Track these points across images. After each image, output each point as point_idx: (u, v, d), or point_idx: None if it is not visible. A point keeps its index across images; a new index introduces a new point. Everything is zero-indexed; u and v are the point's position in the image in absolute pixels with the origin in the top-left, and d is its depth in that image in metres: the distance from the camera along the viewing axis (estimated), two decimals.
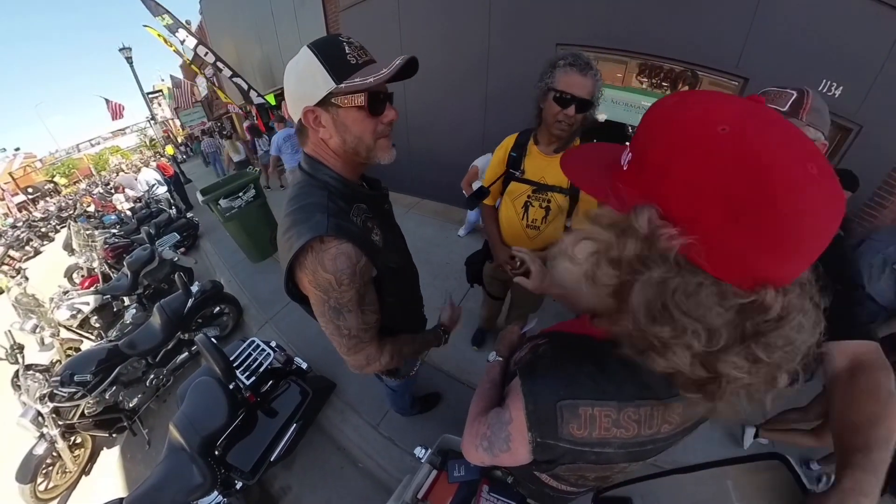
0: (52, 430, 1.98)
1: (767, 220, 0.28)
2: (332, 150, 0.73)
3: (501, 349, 0.80)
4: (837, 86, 2.24)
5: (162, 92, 19.36)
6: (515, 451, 0.50)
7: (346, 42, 0.66)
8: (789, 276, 0.31)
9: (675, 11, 2.51)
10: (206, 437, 1.47)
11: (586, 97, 1.07)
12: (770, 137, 0.29)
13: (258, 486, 1.83)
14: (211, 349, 1.43)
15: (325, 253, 0.65)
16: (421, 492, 1.02)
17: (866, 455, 0.45)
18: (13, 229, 9.84)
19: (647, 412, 0.43)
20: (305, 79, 0.66)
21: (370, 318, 0.76)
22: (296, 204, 0.71)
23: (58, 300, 3.02)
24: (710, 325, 0.31)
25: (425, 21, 3.84)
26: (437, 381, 2.12)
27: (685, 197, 0.30)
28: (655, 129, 0.34)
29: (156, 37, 6.70)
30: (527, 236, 1.36)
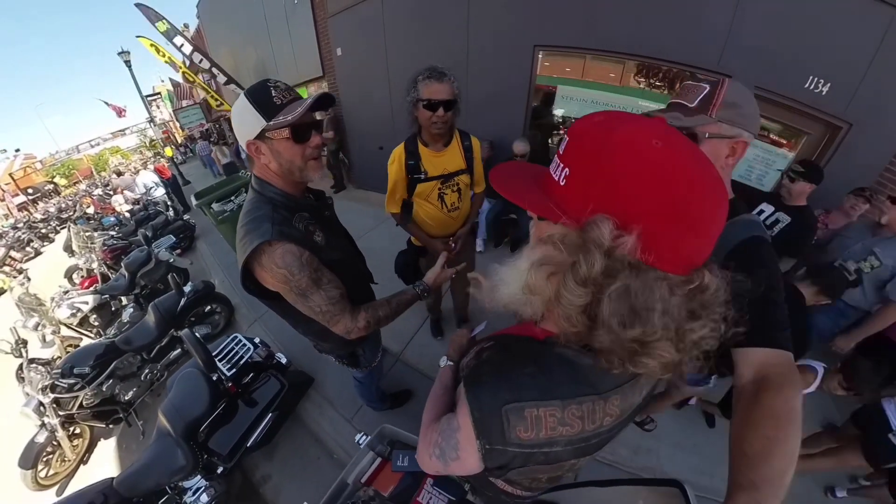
0: (53, 419, 2.12)
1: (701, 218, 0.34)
2: (273, 172, 0.90)
3: (451, 353, 0.80)
4: (825, 83, 2.15)
5: (161, 94, 19.48)
6: (465, 459, 0.49)
7: (273, 86, 0.83)
8: (706, 252, 0.37)
9: (654, 10, 2.48)
10: (190, 423, 1.61)
11: (450, 98, 1.29)
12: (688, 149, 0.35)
13: (240, 474, 1.97)
14: (194, 342, 1.58)
15: (274, 253, 0.82)
16: (364, 477, 1.08)
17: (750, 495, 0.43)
18: (14, 230, 10.00)
19: (589, 408, 0.43)
20: (244, 119, 0.83)
21: (333, 294, 0.92)
22: (248, 217, 0.88)
23: (58, 299, 3.18)
24: (672, 314, 0.35)
25: (407, 25, 3.96)
26: (410, 379, 2.25)
27: (634, 203, 0.34)
28: (594, 144, 0.36)
29: (148, 48, 6.79)
30: (450, 219, 1.61)
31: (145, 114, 10.86)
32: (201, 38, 9.61)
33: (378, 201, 2.07)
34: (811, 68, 2.16)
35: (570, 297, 0.37)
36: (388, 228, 3.98)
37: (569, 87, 3.30)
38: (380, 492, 1.01)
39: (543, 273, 0.39)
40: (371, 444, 1.14)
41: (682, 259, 0.35)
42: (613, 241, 0.33)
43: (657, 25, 2.52)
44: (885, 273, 1.60)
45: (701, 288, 0.36)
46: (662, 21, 2.49)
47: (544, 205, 0.39)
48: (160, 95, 19.01)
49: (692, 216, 0.34)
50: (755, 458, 0.46)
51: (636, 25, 2.59)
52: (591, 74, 3.16)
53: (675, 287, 0.35)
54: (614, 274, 0.34)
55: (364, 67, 4.69)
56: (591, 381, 0.43)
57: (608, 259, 0.34)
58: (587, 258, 0.35)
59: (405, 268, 1.85)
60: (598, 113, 0.40)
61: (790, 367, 0.55)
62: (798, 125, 2.43)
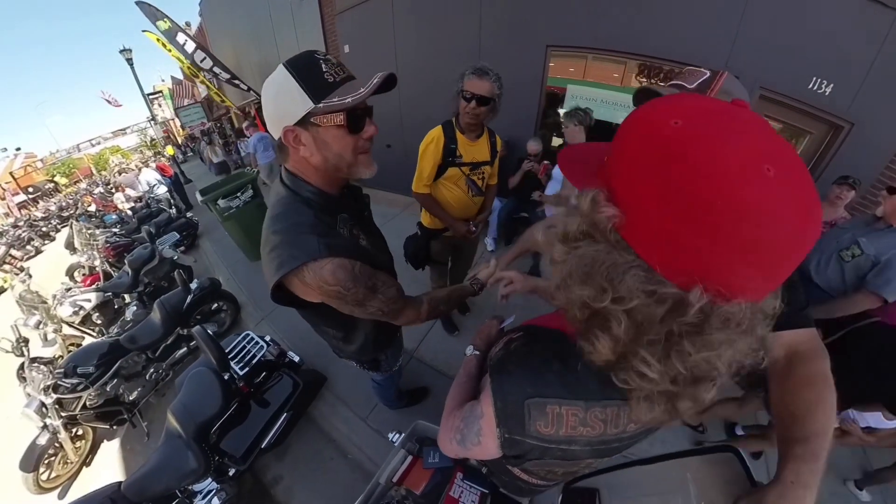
0: (55, 420, 2.05)
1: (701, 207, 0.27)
2: (313, 166, 0.74)
3: (479, 343, 0.81)
4: (828, 83, 2.20)
5: (162, 92, 19.46)
6: (485, 445, 0.51)
7: (322, 60, 0.65)
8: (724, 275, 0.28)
9: (662, 11, 2.52)
10: (201, 424, 1.54)
11: (485, 95, 1.39)
12: (722, 133, 0.28)
13: (251, 475, 1.91)
14: (207, 340, 1.51)
15: (322, 271, 0.69)
16: (396, 476, 1.06)
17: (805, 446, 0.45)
18: (14, 228, 9.93)
19: (613, 412, 0.43)
20: (283, 99, 0.66)
21: (391, 292, 0.82)
22: (283, 222, 0.72)
23: (60, 297, 3.11)
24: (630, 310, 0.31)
25: (418, 23, 3.92)
26: (425, 376, 2.20)
27: (628, 180, 0.31)
28: (623, 125, 0.35)
29: (155, 42, 6.78)
30: (473, 203, 1.74)
31: (146, 112, 10.82)
32: (203, 35, 9.57)
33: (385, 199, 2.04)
34: (815, 69, 2.22)
35: (554, 253, 0.37)
36: (395, 226, 3.92)
37: (578, 86, 3.30)
38: (412, 490, 1.01)
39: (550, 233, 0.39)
40: (408, 445, 1.11)
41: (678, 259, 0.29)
42: (593, 208, 0.33)
43: (666, 27, 2.57)
44: (866, 263, 1.54)
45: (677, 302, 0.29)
46: (672, 22, 2.54)
47: (581, 178, 0.38)
48: (162, 94, 18.97)
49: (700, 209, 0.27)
50: (801, 417, 0.49)
51: (646, 26, 2.64)
52: (591, 75, 3.19)
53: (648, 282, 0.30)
54: (587, 238, 0.34)
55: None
56: (618, 386, 0.40)
57: (589, 226, 0.33)
58: (568, 219, 0.35)
59: (417, 251, 1.88)
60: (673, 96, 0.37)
61: (816, 340, 0.59)
62: (801, 125, 2.49)
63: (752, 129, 0.29)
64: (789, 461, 0.44)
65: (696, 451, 0.73)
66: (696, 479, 0.68)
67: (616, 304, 0.31)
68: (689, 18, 2.47)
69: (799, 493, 0.41)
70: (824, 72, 2.20)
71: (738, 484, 0.58)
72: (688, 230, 0.28)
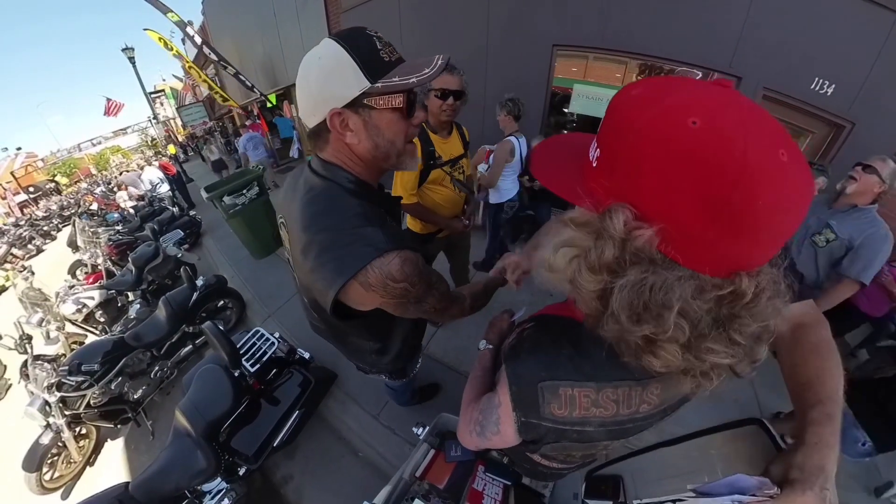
0: (59, 419, 2.01)
1: (743, 213, 0.28)
2: (357, 155, 0.67)
3: (491, 336, 0.81)
4: (830, 84, 2.26)
5: (164, 91, 19.47)
6: (504, 432, 0.52)
7: (375, 37, 0.59)
8: (762, 260, 0.32)
9: (668, 11, 2.56)
10: (211, 422, 1.50)
11: (459, 89, 1.39)
12: (742, 127, 0.28)
13: (260, 474, 1.87)
14: (218, 336, 1.47)
15: (389, 267, 0.60)
16: (419, 470, 1.05)
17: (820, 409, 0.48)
18: (16, 227, 9.89)
19: (625, 392, 0.44)
20: (333, 77, 0.58)
21: (444, 287, 0.76)
22: (332, 218, 0.63)
23: (63, 294, 3.07)
24: (692, 317, 0.32)
25: (424, 22, 3.92)
26: (437, 372, 2.16)
27: (659, 195, 0.30)
28: (623, 123, 0.33)
29: (156, 41, 6.76)
30: (460, 198, 1.73)
31: (147, 113, 10.79)
32: (206, 33, 9.55)
33: None
34: (817, 70, 2.27)
35: (583, 281, 0.36)
36: None
37: (584, 86, 3.31)
38: (435, 485, 1.00)
39: (565, 254, 0.38)
40: (429, 439, 1.10)
41: (721, 261, 0.31)
42: (628, 233, 0.31)
43: (672, 28, 2.60)
44: (839, 248, 1.52)
45: (735, 294, 0.32)
46: (677, 24, 2.57)
47: (569, 185, 0.37)
48: (163, 93, 18.97)
49: (733, 212, 0.28)
50: (813, 382, 0.51)
51: (652, 27, 2.67)
52: (592, 75, 3.21)
53: (704, 290, 0.32)
54: (628, 265, 0.33)
55: None
56: (628, 367, 0.41)
57: (622, 249, 0.32)
58: (598, 245, 0.34)
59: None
60: (641, 82, 0.36)
61: (815, 310, 0.62)
62: (803, 124, 2.54)
63: (757, 114, 0.30)
64: (808, 425, 0.47)
65: (719, 428, 0.71)
66: (722, 456, 0.67)
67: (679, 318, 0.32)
68: (695, 19, 2.50)
69: (823, 452, 0.43)
70: (826, 72, 2.25)
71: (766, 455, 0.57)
72: (730, 233, 0.29)
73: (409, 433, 1.75)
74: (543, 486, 1.03)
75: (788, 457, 0.45)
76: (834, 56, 2.20)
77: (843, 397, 0.49)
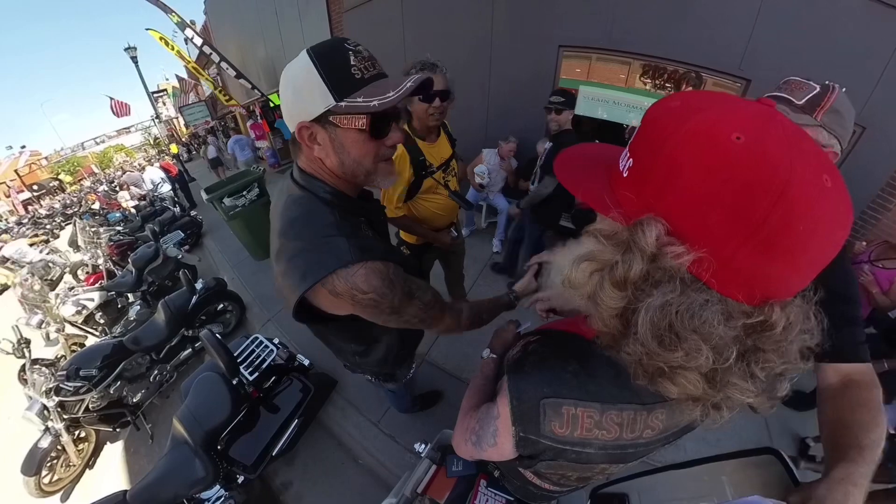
0: (57, 423, 2.00)
1: (780, 235, 0.26)
2: (327, 168, 0.67)
3: (496, 346, 0.80)
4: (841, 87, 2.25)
5: (167, 91, 19.51)
6: (501, 445, 0.50)
7: (352, 51, 0.58)
8: (794, 289, 0.30)
9: (677, 13, 2.52)
10: (210, 431, 1.48)
11: (445, 88, 1.27)
12: (787, 148, 0.27)
13: (259, 482, 1.85)
14: (216, 344, 1.45)
15: (354, 278, 0.61)
16: (420, 486, 1.03)
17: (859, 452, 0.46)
18: (19, 226, 9.94)
19: (630, 416, 0.42)
20: (302, 91, 0.58)
21: (427, 297, 0.74)
22: (304, 226, 0.64)
23: (63, 296, 3.06)
24: (718, 345, 0.30)
25: (428, 22, 3.87)
26: (438, 380, 2.13)
27: (695, 211, 0.28)
28: (660, 134, 0.31)
29: (157, 40, 6.75)
30: (454, 204, 1.63)
31: (150, 112, 10.80)
32: (208, 33, 9.54)
33: None
34: (827, 73, 2.19)
35: (605, 297, 0.34)
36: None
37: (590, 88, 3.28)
38: (436, 500, 0.99)
39: (586, 268, 0.36)
40: (431, 454, 1.08)
41: (753, 286, 0.29)
42: (659, 248, 0.30)
43: (680, 29, 2.55)
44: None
45: (764, 325, 0.30)
46: (685, 25, 2.53)
47: (597, 194, 0.35)
48: (166, 92, 19.00)
49: (772, 235, 0.27)
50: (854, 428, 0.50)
51: (661, 28, 2.62)
52: (596, 76, 3.17)
53: (731, 316, 0.30)
54: (656, 283, 0.31)
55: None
56: (635, 390, 0.40)
57: (651, 265, 0.30)
58: (625, 259, 0.32)
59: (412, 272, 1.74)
60: (678, 94, 0.34)
61: (872, 373, 0.61)
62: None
63: (801, 136, 0.28)
64: (840, 462, 0.45)
65: (732, 455, 0.69)
66: (734, 482, 0.65)
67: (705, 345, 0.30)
68: (704, 20, 2.46)
69: (849, 489, 0.41)
70: (836, 75, 2.22)
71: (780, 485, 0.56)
72: (765, 256, 0.27)
73: (410, 441, 1.74)
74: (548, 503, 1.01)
75: (811, 488, 0.43)
76: (845, 59, 2.16)
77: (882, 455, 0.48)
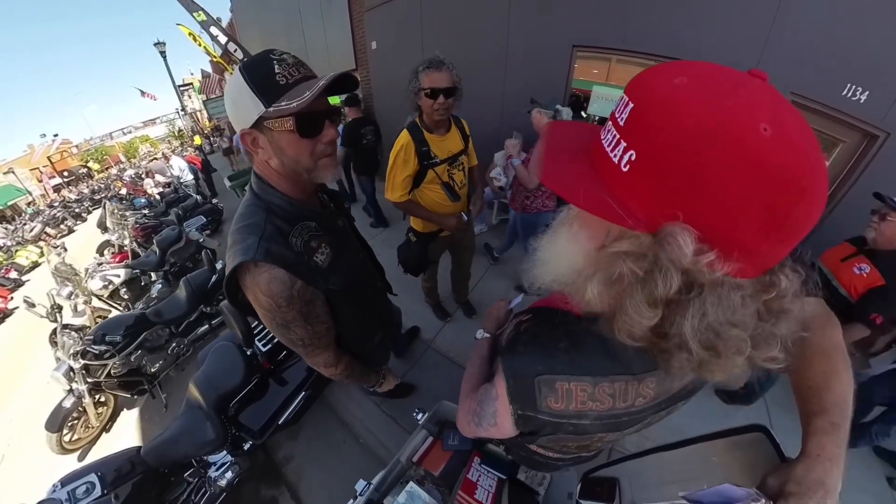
0: (81, 385, 2.13)
1: (798, 222, 0.27)
2: (274, 169, 0.72)
3: (489, 325, 0.81)
4: (863, 91, 2.13)
5: (192, 85, 20.23)
6: (501, 425, 0.52)
7: (276, 60, 0.62)
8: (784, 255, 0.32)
9: (692, 13, 2.49)
10: (222, 396, 1.57)
11: (450, 86, 1.33)
12: (805, 135, 0.27)
13: (263, 452, 1.93)
14: (235, 314, 1.53)
15: (259, 276, 0.67)
16: (416, 455, 1.06)
17: (825, 418, 0.45)
18: (50, 209, 10.47)
19: (621, 387, 0.44)
20: (237, 102, 0.64)
21: (320, 329, 0.79)
22: (238, 223, 0.72)
23: (92, 271, 3.24)
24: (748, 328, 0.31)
25: (446, 21, 3.96)
26: (443, 367, 2.19)
27: (728, 215, 0.27)
28: (678, 123, 0.28)
29: (187, 35, 7.04)
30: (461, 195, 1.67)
31: (175, 103, 11.24)
32: (234, 30, 9.88)
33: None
34: (849, 75, 2.13)
35: (638, 316, 0.32)
36: None
37: (604, 88, 3.29)
38: (430, 471, 1.01)
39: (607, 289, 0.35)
40: (428, 426, 1.10)
41: (760, 265, 0.31)
42: (696, 260, 0.28)
43: (695, 28, 2.52)
44: None
45: (778, 295, 0.32)
46: (701, 24, 2.49)
47: (604, 202, 0.31)
48: (191, 86, 19.72)
49: (791, 222, 0.28)
50: (818, 388, 0.49)
51: (676, 28, 2.59)
52: (615, 78, 3.16)
53: (749, 297, 0.31)
54: (689, 292, 0.30)
55: (398, 62, 4.69)
56: (625, 361, 0.42)
57: (686, 276, 0.29)
58: (664, 277, 0.29)
59: (414, 258, 1.83)
60: (676, 67, 0.31)
61: (825, 310, 0.58)
62: (834, 133, 2.40)
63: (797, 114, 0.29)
64: (812, 435, 0.44)
65: (721, 434, 0.69)
66: (723, 463, 0.66)
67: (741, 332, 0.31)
68: (720, 20, 2.42)
69: (826, 466, 0.40)
70: (859, 78, 2.12)
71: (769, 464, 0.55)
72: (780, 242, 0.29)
73: (410, 423, 1.78)
74: (539, 484, 1.03)
75: (788, 469, 0.42)
76: (868, 61, 2.06)
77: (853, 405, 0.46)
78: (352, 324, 0.93)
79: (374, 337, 1.10)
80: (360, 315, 0.96)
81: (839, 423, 0.44)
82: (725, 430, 0.68)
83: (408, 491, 0.91)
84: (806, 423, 0.47)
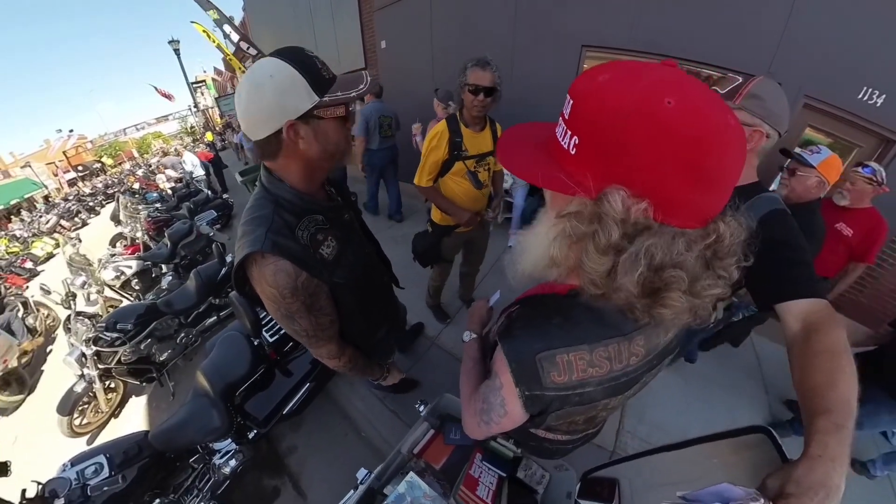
0: (92, 370, 2.19)
1: (716, 172, 0.34)
2: (305, 159, 0.73)
3: (473, 325, 0.82)
4: (880, 94, 2.08)
5: (205, 82, 20.57)
6: (511, 412, 0.53)
7: (315, 57, 0.69)
8: (723, 205, 0.38)
9: (704, 13, 2.45)
10: (229, 384, 1.59)
11: (490, 85, 1.41)
12: (706, 102, 0.33)
13: (267, 442, 1.96)
14: (244, 305, 1.56)
15: (265, 268, 0.70)
16: (417, 447, 1.07)
17: (828, 418, 0.44)
18: (65, 202, 10.73)
19: (615, 349, 0.47)
20: (288, 93, 0.65)
21: (324, 321, 0.81)
22: (247, 216, 0.76)
23: (105, 262, 3.32)
24: (688, 267, 0.36)
25: (454, 22, 3.97)
26: (450, 364, 2.19)
27: (648, 171, 0.34)
28: (604, 109, 0.35)
29: (200, 32, 7.16)
30: (482, 195, 1.74)
31: (188, 100, 11.44)
32: (246, 29, 10.05)
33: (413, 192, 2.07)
34: (865, 78, 2.10)
35: (593, 265, 0.38)
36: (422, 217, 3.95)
37: None
38: (431, 464, 1.01)
39: (565, 244, 0.41)
40: (430, 419, 1.11)
41: (698, 214, 0.37)
42: (626, 211, 0.34)
43: (707, 29, 2.48)
44: None
45: (718, 240, 0.37)
46: (713, 25, 2.45)
47: (556, 178, 0.39)
48: (204, 83, 20.07)
49: (708, 174, 0.34)
50: (823, 387, 0.49)
51: (687, 29, 2.56)
52: None
53: (693, 242, 0.36)
54: (632, 238, 0.36)
55: (408, 61, 4.72)
56: (614, 324, 0.46)
57: (624, 226, 0.35)
58: (604, 229, 0.36)
59: (429, 249, 1.87)
60: (601, 68, 0.38)
61: (830, 311, 0.60)
62: (849, 137, 2.36)
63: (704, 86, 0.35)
64: (814, 435, 0.44)
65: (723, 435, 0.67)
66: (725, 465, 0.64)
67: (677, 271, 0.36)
68: (732, 22, 2.38)
69: (828, 466, 0.39)
70: (876, 81, 2.09)
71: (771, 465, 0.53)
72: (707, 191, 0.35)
73: (413, 419, 1.78)
74: (537, 483, 1.02)
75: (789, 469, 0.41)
76: (885, 64, 2.02)
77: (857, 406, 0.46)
78: (356, 317, 0.95)
79: (379, 331, 1.12)
80: (364, 308, 0.97)
81: (843, 423, 0.44)
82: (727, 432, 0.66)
83: (408, 481, 0.91)
84: (809, 422, 0.47)
